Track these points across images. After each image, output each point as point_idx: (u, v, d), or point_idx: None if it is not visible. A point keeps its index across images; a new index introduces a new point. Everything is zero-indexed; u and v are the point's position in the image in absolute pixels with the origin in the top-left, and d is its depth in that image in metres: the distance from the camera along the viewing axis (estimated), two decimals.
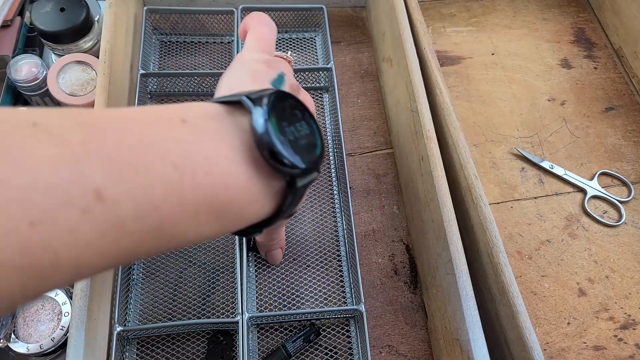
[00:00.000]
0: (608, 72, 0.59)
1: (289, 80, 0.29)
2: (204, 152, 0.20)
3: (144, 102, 0.49)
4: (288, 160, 0.22)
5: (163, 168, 0.18)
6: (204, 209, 0.20)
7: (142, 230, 0.18)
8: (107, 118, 0.19)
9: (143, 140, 0.18)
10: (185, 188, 0.19)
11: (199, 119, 0.21)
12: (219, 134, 0.21)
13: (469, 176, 0.40)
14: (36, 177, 0.15)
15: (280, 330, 0.41)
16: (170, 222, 0.19)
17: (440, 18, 0.62)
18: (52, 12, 0.49)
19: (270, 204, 0.24)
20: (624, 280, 0.46)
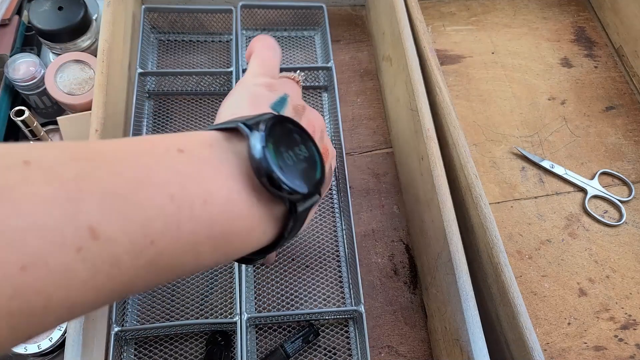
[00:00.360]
0: (608, 71, 0.59)
1: (293, 101, 0.29)
2: (202, 182, 0.20)
3: (142, 101, 0.49)
4: (287, 186, 0.21)
5: (160, 201, 0.18)
6: (203, 240, 0.19)
7: (138, 265, 0.17)
8: (102, 151, 0.18)
9: (139, 173, 0.18)
10: (183, 220, 0.18)
11: (196, 148, 0.21)
12: (217, 162, 0.21)
13: (469, 176, 0.40)
14: (29, 218, 0.14)
15: (279, 331, 0.41)
16: (167, 255, 0.18)
17: (440, 17, 0.62)
18: (50, 11, 0.49)
19: (272, 229, 0.23)
20: (625, 280, 0.46)
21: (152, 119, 0.50)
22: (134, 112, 0.46)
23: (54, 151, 0.17)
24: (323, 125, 0.30)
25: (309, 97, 0.53)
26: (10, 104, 0.51)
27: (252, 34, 0.56)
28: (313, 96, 0.53)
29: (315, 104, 0.53)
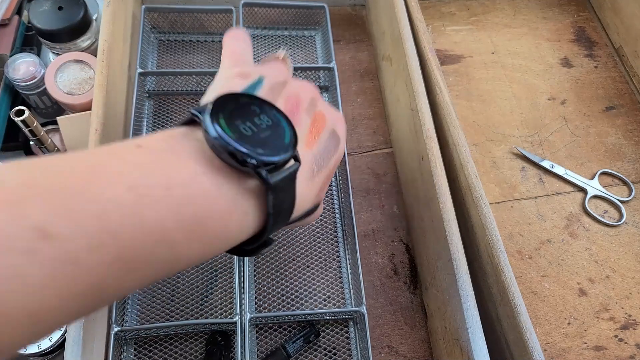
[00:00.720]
0: (608, 71, 0.59)
1: (271, 80, 0.28)
2: (163, 170, 0.19)
3: (142, 101, 0.49)
4: (249, 156, 0.21)
5: (115, 192, 0.17)
6: (173, 226, 0.19)
7: (102, 262, 0.16)
8: (54, 157, 0.18)
9: (91, 167, 0.17)
10: (145, 208, 0.18)
11: (156, 142, 0.21)
12: (178, 149, 0.21)
13: (469, 175, 0.40)
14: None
15: (280, 331, 0.41)
16: (136, 248, 0.17)
17: (440, 17, 0.62)
18: (50, 11, 0.49)
19: (255, 210, 0.22)
20: (625, 280, 0.46)
21: (152, 119, 0.50)
22: (134, 112, 0.46)
23: (3, 167, 0.16)
24: (313, 93, 0.29)
25: None
26: (10, 103, 0.51)
27: (253, 33, 0.56)
28: None
29: None
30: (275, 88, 0.28)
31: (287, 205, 0.24)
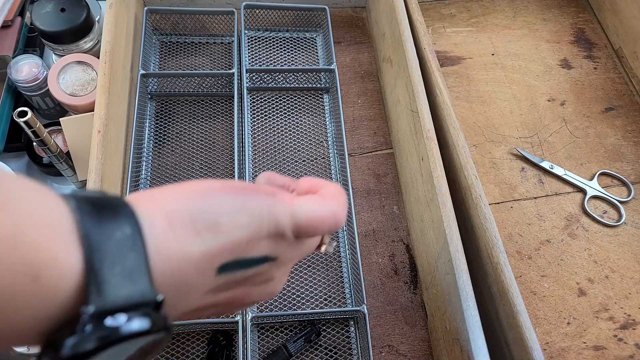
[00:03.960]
0: (608, 73, 0.59)
1: (269, 270, 0.23)
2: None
3: (144, 102, 0.49)
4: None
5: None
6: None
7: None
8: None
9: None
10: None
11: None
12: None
13: (469, 176, 0.40)
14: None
15: (281, 330, 0.42)
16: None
17: (440, 18, 0.62)
18: (53, 13, 0.49)
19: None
20: (624, 280, 0.46)
21: (154, 120, 0.50)
22: (136, 113, 0.46)
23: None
24: (251, 301, 0.25)
25: (310, 99, 0.53)
26: (13, 105, 0.52)
27: (254, 35, 0.56)
28: (314, 97, 0.54)
29: (316, 106, 0.53)
30: (250, 279, 0.23)
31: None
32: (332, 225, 0.24)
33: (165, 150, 0.49)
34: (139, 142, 0.47)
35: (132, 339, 0.17)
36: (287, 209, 0.23)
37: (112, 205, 0.18)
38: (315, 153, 0.50)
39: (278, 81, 0.53)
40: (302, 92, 0.54)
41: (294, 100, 0.53)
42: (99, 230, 0.17)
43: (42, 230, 0.16)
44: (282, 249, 0.23)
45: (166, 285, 0.19)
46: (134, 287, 0.17)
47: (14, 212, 0.15)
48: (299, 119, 0.52)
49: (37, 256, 0.15)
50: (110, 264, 0.17)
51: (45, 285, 0.15)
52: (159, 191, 0.21)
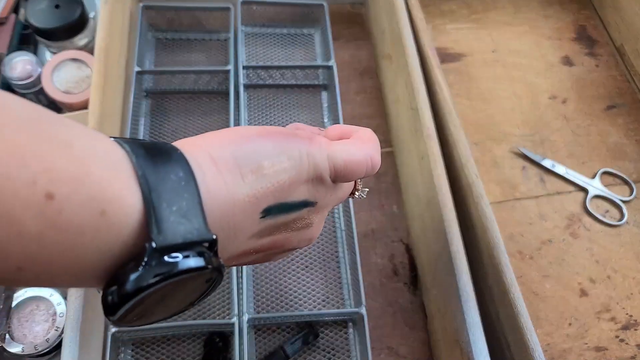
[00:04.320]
0: (610, 70, 0.59)
1: (302, 217, 0.24)
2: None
3: (139, 100, 0.49)
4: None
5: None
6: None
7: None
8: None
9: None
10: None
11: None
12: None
13: (470, 175, 0.40)
14: None
15: (278, 332, 0.41)
16: None
17: (440, 15, 0.61)
18: (47, 9, 0.48)
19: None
20: (626, 280, 0.46)
21: (149, 118, 0.50)
22: (132, 111, 0.46)
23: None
24: (291, 246, 0.25)
25: (308, 96, 0.53)
26: None
27: (251, 31, 0.55)
28: (312, 95, 0.53)
29: (314, 103, 0.52)
30: (290, 224, 0.24)
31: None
32: (368, 169, 0.24)
33: None
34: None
35: (188, 275, 0.17)
36: (324, 152, 0.23)
37: (163, 150, 0.19)
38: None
39: (275, 78, 0.52)
40: (300, 89, 0.53)
41: (291, 97, 0.52)
42: (154, 172, 0.17)
43: (105, 168, 0.16)
44: (321, 194, 0.24)
45: (216, 226, 0.19)
46: (190, 226, 0.17)
47: (79, 150, 0.16)
48: (296, 116, 0.51)
49: (103, 193, 0.16)
50: (167, 204, 0.17)
51: (111, 221, 0.16)
52: (202, 138, 0.21)
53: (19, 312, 0.39)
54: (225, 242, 0.20)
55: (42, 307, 0.40)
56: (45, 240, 0.15)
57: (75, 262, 0.16)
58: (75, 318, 0.33)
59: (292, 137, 0.23)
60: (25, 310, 0.39)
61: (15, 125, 0.15)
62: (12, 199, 0.14)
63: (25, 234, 0.15)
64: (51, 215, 0.15)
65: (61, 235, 0.15)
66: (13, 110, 0.15)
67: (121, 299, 0.16)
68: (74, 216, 0.15)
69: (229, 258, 0.22)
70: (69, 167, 0.15)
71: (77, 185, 0.15)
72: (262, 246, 0.23)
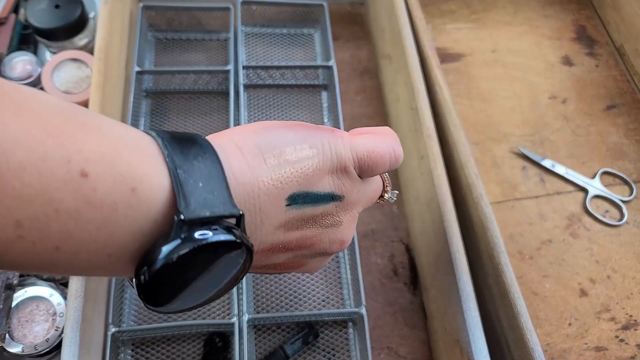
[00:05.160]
0: (610, 70, 0.59)
1: (330, 210, 0.23)
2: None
3: (139, 100, 0.49)
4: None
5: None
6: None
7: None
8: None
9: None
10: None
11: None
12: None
13: (470, 175, 0.40)
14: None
15: (278, 332, 0.41)
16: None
17: (440, 14, 0.61)
18: (47, 9, 0.48)
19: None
20: (626, 280, 0.46)
21: (149, 118, 0.50)
22: (131, 111, 0.46)
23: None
24: (322, 248, 0.25)
25: (307, 96, 0.53)
26: None
27: (250, 31, 0.55)
28: (312, 95, 0.53)
29: (314, 103, 0.52)
30: (318, 220, 0.23)
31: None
32: (392, 160, 0.25)
33: None
34: None
35: (219, 249, 0.18)
36: (347, 143, 0.23)
37: (189, 136, 0.19)
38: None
39: (275, 78, 0.52)
40: (300, 89, 0.53)
41: (291, 97, 0.52)
42: (180, 153, 0.18)
43: (134, 150, 0.17)
44: (347, 187, 0.24)
45: (242, 206, 0.20)
46: (217, 201, 0.18)
47: (109, 134, 0.17)
48: (296, 116, 0.51)
49: (133, 172, 0.17)
50: (194, 180, 0.18)
51: (142, 198, 0.17)
52: (227, 130, 0.22)
53: (19, 312, 0.39)
54: (252, 227, 0.21)
55: (42, 307, 0.40)
56: (82, 218, 0.16)
57: (110, 240, 0.17)
58: (75, 318, 0.33)
59: (315, 129, 0.23)
60: (25, 311, 0.39)
61: (50, 112, 0.16)
62: (49, 178, 0.15)
63: (62, 211, 0.15)
64: (86, 192, 0.15)
65: (96, 212, 0.16)
66: (48, 101, 0.16)
67: (153, 274, 0.17)
68: (107, 193, 0.16)
69: (258, 251, 0.22)
70: (101, 148, 0.16)
71: (108, 164, 0.16)
72: (290, 241, 0.23)
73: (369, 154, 0.24)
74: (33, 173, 0.14)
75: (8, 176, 0.14)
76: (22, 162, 0.14)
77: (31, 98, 0.16)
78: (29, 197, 0.14)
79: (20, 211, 0.14)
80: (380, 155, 0.24)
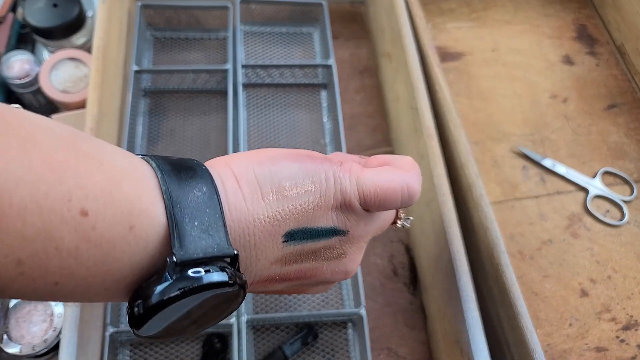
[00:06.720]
0: (610, 69, 0.58)
1: (343, 244, 0.23)
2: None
3: (137, 99, 0.49)
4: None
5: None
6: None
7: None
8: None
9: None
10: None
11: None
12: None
13: (470, 175, 0.40)
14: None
15: (277, 333, 0.41)
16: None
17: (440, 13, 0.61)
18: (45, 8, 0.48)
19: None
20: (627, 280, 0.46)
21: (147, 117, 0.49)
22: (130, 110, 0.46)
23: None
24: (324, 278, 0.24)
25: (307, 95, 0.53)
26: (4, 102, 0.51)
27: (249, 30, 0.55)
28: (311, 94, 0.53)
29: (313, 102, 0.52)
30: (319, 253, 0.23)
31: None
32: (405, 198, 0.23)
33: (158, 148, 0.48)
34: (132, 139, 0.46)
35: (211, 290, 0.17)
36: (353, 177, 0.22)
37: (189, 166, 0.19)
38: (313, 151, 0.49)
39: (274, 77, 0.52)
40: (299, 88, 0.53)
41: (290, 96, 0.52)
42: (178, 187, 0.18)
43: (133, 183, 0.17)
44: (352, 222, 0.23)
45: (237, 244, 0.20)
46: (211, 241, 0.18)
47: (110, 166, 0.17)
48: (295, 115, 0.51)
49: (132, 208, 0.17)
50: (190, 218, 0.18)
51: (139, 235, 0.17)
52: (230, 157, 0.22)
53: (17, 312, 0.39)
54: (247, 262, 0.20)
55: (40, 308, 0.40)
56: (81, 255, 0.16)
57: (107, 275, 0.17)
58: (73, 319, 0.33)
59: (321, 161, 0.22)
60: (22, 311, 0.39)
61: (52, 144, 0.16)
62: (50, 216, 0.15)
63: (62, 249, 0.15)
64: (86, 231, 0.16)
65: (95, 249, 0.16)
66: (51, 130, 0.16)
67: (147, 311, 0.17)
68: (106, 231, 0.16)
69: (254, 282, 0.22)
70: (101, 183, 0.16)
71: (108, 200, 0.16)
72: (288, 274, 0.23)
73: (376, 191, 0.22)
74: (34, 212, 0.15)
75: (10, 215, 0.14)
76: (24, 201, 0.14)
77: (34, 128, 0.16)
78: (30, 236, 0.15)
79: (21, 250, 0.15)
80: (389, 193, 0.22)
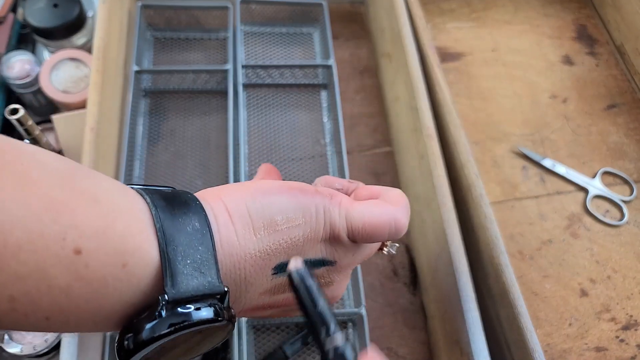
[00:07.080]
0: (610, 69, 0.58)
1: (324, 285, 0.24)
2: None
3: (138, 99, 0.49)
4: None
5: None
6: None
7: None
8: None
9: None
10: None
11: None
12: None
13: (470, 175, 0.40)
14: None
15: (277, 332, 0.41)
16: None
17: (440, 13, 0.61)
18: (45, 8, 0.48)
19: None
20: (626, 280, 0.46)
21: (147, 117, 0.49)
22: (130, 110, 0.46)
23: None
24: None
25: (307, 95, 0.53)
26: (4, 102, 0.51)
27: (249, 30, 0.55)
28: (311, 94, 0.53)
29: (313, 103, 0.52)
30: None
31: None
32: (392, 232, 0.23)
33: (158, 148, 0.48)
34: (132, 139, 0.46)
35: (200, 326, 0.18)
36: (342, 211, 0.22)
37: (183, 201, 0.19)
38: (313, 151, 0.49)
39: (274, 77, 0.52)
40: (299, 89, 0.53)
41: (290, 96, 0.52)
42: (172, 224, 0.18)
43: (128, 221, 0.17)
44: (340, 253, 0.23)
45: (227, 278, 0.20)
46: (203, 279, 0.18)
47: (106, 204, 0.17)
48: (295, 116, 0.51)
49: (125, 245, 0.17)
50: (183, 257, 0.18)
51: (131, 273, 0.17)
52: (223, 189, 0.22)
53: None
54: (236, 294, 0.21)
55: None
56: (73, 292, 0.16)
57: (99, 310, 0.17)
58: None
59: (312, 194, 0.22)
60: None
61: (49, 181, 0.16)
62: (44, 255, 0.15)
63: (54, 287, 0.16)
64: (78, 269, 0.16)
65: (87, 287, 0.16)
66: (49, 165, 0.16)
67: (137, 346, 0.17)
68: (99, 269, 0.16)
69: (242, 311, 0.22)
70: (96, 221, 0.16)
71: (102, 239, 0.16)
72: (276, 302, 0.23)
73: (364, 226, 0.22)
74: (29, 251, 0.15)
75: (5, 255, 0.14)
76: (19, 241, 0.15)
77: (31, 164, 0.16)
78: (24, 274, 0.15)
79: (14, 287, 0.15)
80: (377, 227, 0.23)
